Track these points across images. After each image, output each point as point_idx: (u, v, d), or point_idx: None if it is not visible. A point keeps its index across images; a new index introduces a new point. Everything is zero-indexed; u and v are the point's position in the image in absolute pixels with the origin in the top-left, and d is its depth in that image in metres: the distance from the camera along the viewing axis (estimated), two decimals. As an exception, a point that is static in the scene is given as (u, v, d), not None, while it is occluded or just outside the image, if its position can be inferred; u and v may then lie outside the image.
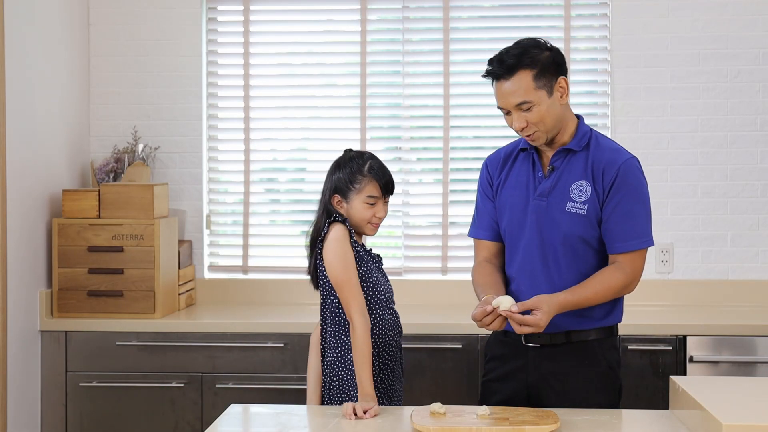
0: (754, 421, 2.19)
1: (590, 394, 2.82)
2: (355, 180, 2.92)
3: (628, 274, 2.78)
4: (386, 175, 2.95)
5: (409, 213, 4.52)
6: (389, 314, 2.97)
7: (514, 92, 2.72)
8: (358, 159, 2.95)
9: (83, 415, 3.95)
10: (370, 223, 2.95)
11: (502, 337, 2.92)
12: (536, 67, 2.73)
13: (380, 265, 3.05)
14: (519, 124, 2.75)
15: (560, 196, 2.80)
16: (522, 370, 2.86)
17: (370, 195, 2.92)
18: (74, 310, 4.01)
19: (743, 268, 4.36)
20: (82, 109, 4.46)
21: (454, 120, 4.49)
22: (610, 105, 4.41)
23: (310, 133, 4.58)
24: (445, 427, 2.41)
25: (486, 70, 2.79)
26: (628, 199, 2.77)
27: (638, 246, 2.78)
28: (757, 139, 4.35)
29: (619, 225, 2.77)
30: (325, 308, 2.94)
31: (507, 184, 2.90)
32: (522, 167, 2.89)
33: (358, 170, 2.93)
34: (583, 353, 2.84)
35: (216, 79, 4.59)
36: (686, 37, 4.37)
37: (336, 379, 2.88)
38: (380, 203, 2.95)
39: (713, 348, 3.79)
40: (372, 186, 2.92)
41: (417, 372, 3.84)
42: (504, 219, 2.89)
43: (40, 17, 4.03)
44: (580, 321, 2.81)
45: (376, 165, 2.95)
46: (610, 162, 2.79)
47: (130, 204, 4.03)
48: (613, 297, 2.79)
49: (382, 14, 4.57)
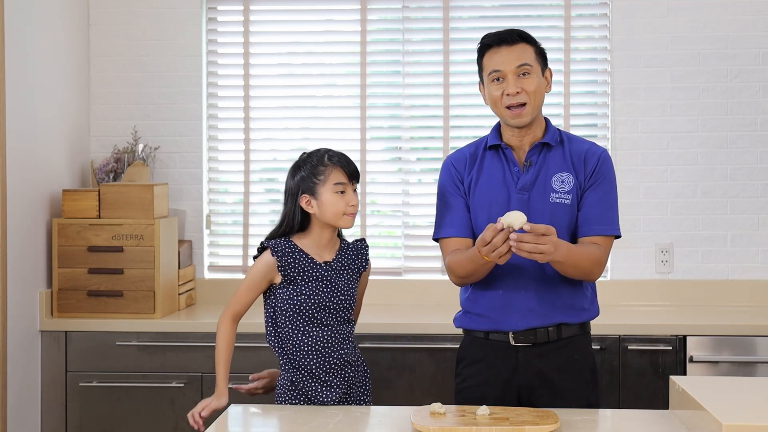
0: (754, 421, 2.19)
1: (582, 390, 2.85)
2: (318, 172, 2.90)
3: (604, 255, 2.83)
4: (348, 160, 2.94)
5: (409, 213, 4.52)
6: (307, 327, 2.90)
7: (518, 56, 2.81)
8: (315, 154, 2.96)
9: (83, 415, 3.95)
10: (345, 215, 2.90)
11: (482, 341, 2.89)
12: (536, 46, 2.87)
13: (347, 272, 2.97)
14: (514, 88, 2.78)
15: (543, 188, 2.83)
16: (512, 372, 2.85)
17: (337, 182, 2.88)
18: (74, 310, 4.01)
19: (743, 268, 4.36)
20: (82, 109, 4.46)
21: (454, 120, 4.49)
22: (610, 105, 4.41)
23: (310, 133, 4.58)
24: (445, 427, 2.41)
25: (486, 38, 2.84)
26: (607, 186, 2.86)
27: (614, 231, 2.86)
28: (757, 139, 4.35)
29: (600, 210, 2.84)
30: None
31: (480, 182, 2.89)
32: (493, 164, 2.89)
33: (319, 162, 2.92)
34: (573, 349, 2.86)
35: (216, 79, 4.59)
36: (686, 37, 4.37)
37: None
38: (349, 190, 2.91)
39: (713, 348, 3.79)
40: (336, 172, 2.90)
41: (417, 372, 3.84)
42: (482, 216, 2.86)
43: (40, 17, 4.03)
44: (569, 314, 2.84)
45: (335, 154, 2.94)
46: (591, 152, 2.88)
47: (130, 204, 4.03)
48: (586, 271, 2.79)
49: (382, 14, 4.57)
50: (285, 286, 2.91)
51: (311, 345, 2.90)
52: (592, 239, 2.82)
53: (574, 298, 2.86)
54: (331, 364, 2.90)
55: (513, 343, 2.84)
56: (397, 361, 3.86)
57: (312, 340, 2.90)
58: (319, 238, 2.95)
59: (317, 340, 2.90)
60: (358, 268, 3.00)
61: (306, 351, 2.90)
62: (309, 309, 2.89)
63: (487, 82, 2.86)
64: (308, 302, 2.89)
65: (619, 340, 3.80)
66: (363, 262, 3.02)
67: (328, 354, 2.90)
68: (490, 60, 2.84)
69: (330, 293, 2.91)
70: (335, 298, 2.92)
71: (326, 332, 2.91)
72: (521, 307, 2.82)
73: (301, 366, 2.90)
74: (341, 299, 2.93)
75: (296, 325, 2.90)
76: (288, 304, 2.91)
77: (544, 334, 2.83)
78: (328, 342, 2.90)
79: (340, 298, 2.93)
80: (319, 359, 2.89)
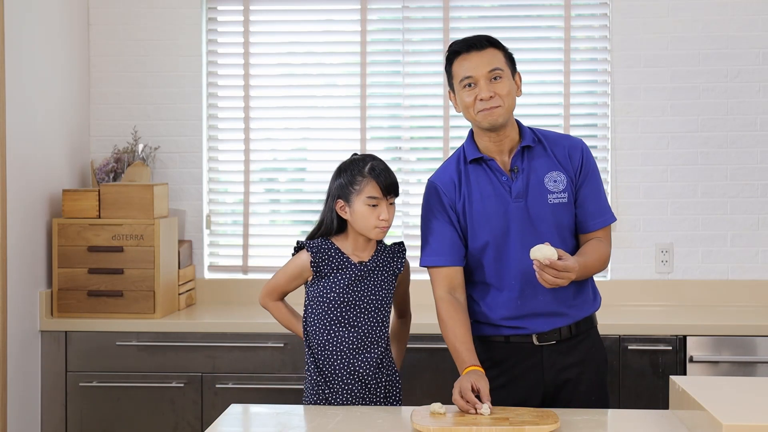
0: (754, 421, 2.19)
1: (602, 381, 2.92)
2: (355, 181, 2.87)
3: (608, 247, 2.89)
4: (387, 174, 2.89)
5: (409, 213, 4.52)
6: (335, 327, 2.89)
7: (488, 61, 2.80)
8: (359, 161, 2.91)
9: (83, 415, 3.95)
10: (376, 228, 2.86)
11: (503, 343, 2.88)
12: (504, 51, 2.86)
13: (380, 273, 2.95)
14: (487, 92, 2.77)
15: (538, 192, 2.82)
16: (536, 371, 2.85)
17: (370, 196, 2.85)
18: (74, 310, 4.01)
19: (743, 268, 4.36)
20: (82, 109, 4.46)
21: (454, 120, 4.49)
22: (610, 105, 4.41)
23: (310, 133, 4.58)
24: (445, 427, 2.41)
25: (454, 45, 2.84)
26: (594, 176, 2.90)
27: (611, 219, 2.92)
28: (757, 139, 4.35)
29: (596, 203, 2.87)
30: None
31: (473, 199, 2.86)
32: (480, 178, 2.87)
33: (359, 172, 2.88)
34: (590, 342, 2.90)
35: (216, 79, 4.59)
36: (686, 37, 4.37)
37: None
38: (383, 204, 2.87)
39: (713, 348, 3.79)
40: (371, 186, 2.86)
41: (417, 372, 3.84)
42: (484, 232, 2.84)
43: (40, 17, 4.03)
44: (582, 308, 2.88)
45: (378, 166, 2.89)
46: (572, 146, 2.89)
47: (130, 204, 4.03)
48: (597, 271, 2.87)
49: (382, 14, 4.57)
50: (316, 282, 2.91)
51: (337, 347, 2.88)
52: (594, 234, 2.87)
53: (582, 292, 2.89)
54: (356, 367, 2.87)
55: (537, 342, 2.85)
56: (397, 361, 3.85)
57: (339, 342, 2.88)
58: (355, 241, 2.94)
59: (345, 341, 2.88)
60: (393, 270, 2.96)
61: (331, 352, 2.88)
62: (338, 307, 2.87)
63: (458, 90, 2.83)
64: (338, 299, 2.87)
65: (619, 340, 3.80)
66: (399, 264, 2.98)
67: (354, 357, 2.88)
68: (460, 66, 2.81)
69: (362, 293, 2.89)
70: (366, 298, 2.89)
71: (354, 334, 2.88)
72: (540, 311, 2.83)
73: (324, 369, 2.88)
74: (373, 299, 2.90)
75: (324, 324, 2.88)
76: (317, 301, 2.89)
77: (567, 331, 2.85)
78: (355, 345, 2.88)
79: (371, 298, 2.90)
80: (344, 362, 2.87)
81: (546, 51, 4.47)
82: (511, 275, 2.83)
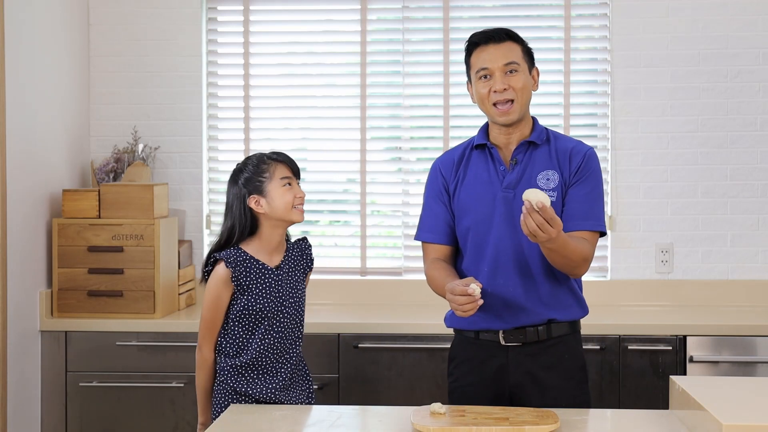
0: (754, 421, 2.19)
1: (572, 389, 2.86)
2: (262, 170, 2.91)
3: (591, 252, 2.81)
4: (289, 157, 2.97)
5: (409, 213, 4.52)
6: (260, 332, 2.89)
7: (505, 54, 2.82)
8: (252, 157, 2.97)
9: (83, 415, 3.95)
10: (294, 208, 2.90)
11: (473, 340, 2.90)
12: (523, 45, 2.88)
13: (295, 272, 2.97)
14: (502, 85, 2.79)
15: (528, 185, 2.82)
16: (503, 371, 2.86)
17: (282, 176, 2.90)
18: (74, 310, 4.01)
19: (743, 268, 4.36)
20: (82, 109, 4.46)
21: (454, 120, 4.49)
22: (610, 105, 4.41)
23: (310, 133, 4.58)
24: (445, 427, 2.41)
25: (474, 37, 2.85)
26: (593, 183, 2.86)
27: (600, 227, 2.85)
28: (757, 139, 4.35)
29: (586, 205, 2.83)
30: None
31: (465, 183, 2.90)
32: (479, 164, 2.90)
33: (261, 161, 2.93)
34: (563, 348, 2.86)
35: (216, 79, 4.59)
36: (686, 37, 4.37)
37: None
38: (295, 184, 2.94)
39: (713, 348, 3.79)
40: (281, 168, 2.92)
41: (417, 372, 3.84)
42: (468, 216, 2.87)
43: (40, 17, 4.03)
44: (557, 310, 2.84)
45: (273, 153, 2.96)
46: (576, 149, 2.88)
47: (130, 204, 4.03)
48: (574, 265, 2.76)
49: (382, 14, 4.57)
50: (239, 297, 2.89)
51: (261, 346, 2.89)
52: (580, 234, 2.81)
53: (559, 295, 2.85)
54: (277, 360, 2.90)
55: (503, 342, 2.85)
56: (397, 361, 3.86)
57: (263, 343, 2.89)
58: (270, 240, 2.93)
59: (269, 342, 2.89)
60: (303, 268, 3.00)
61: (254, 349, 2.88)
62: (265, 316, 2.88)
63: (474, 80, 2.87)
64: (264, 310, 2.88)
65: (619, 340, 3.80)
66: (308, 261, 3.02)
67: (277, 352, 2.90)
68: (478, 58, 2.85)
69: (282, 297, 2.91)
70: (286, 302, 2.91)
71: (278, 336, 2.91)
72: (508, 302, 2.82)
73: (244, 363, 2.87)
74: (292, 301, 2.93)
75: (250, 331, 2.89)
76: (243, 314, 2.88)
77: (534, 334, 2.83)
78: (279, 344, 2.91)
79: (290, 301, 2.93)
80: (265, 356, 2.89)
81: (546, 51, 4.47)
82: (485, 261, 2.83)
